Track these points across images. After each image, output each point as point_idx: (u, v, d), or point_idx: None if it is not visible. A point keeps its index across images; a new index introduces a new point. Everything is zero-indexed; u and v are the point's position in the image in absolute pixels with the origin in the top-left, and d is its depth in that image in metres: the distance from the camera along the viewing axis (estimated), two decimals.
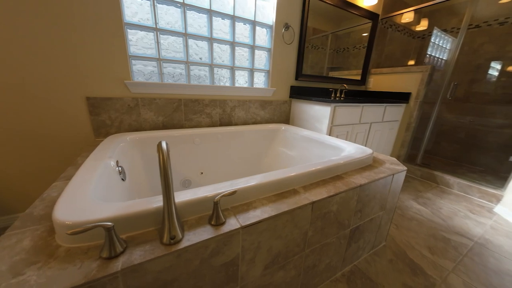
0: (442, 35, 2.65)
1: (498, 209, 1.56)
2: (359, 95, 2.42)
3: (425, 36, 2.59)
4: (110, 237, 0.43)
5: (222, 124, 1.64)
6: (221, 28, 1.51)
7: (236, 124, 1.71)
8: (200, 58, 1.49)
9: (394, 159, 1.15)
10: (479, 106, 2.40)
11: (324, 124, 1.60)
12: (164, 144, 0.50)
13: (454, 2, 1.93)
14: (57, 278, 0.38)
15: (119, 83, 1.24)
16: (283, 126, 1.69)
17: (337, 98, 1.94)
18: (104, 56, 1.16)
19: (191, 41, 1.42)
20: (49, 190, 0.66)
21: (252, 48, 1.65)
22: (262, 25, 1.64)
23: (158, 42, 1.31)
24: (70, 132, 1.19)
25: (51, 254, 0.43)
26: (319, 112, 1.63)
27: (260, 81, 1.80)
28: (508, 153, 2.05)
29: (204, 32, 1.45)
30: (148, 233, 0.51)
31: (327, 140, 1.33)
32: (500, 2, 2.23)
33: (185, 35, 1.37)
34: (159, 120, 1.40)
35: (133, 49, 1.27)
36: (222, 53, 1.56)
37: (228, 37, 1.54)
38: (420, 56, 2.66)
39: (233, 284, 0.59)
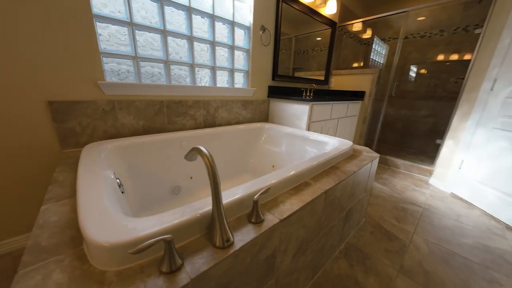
0: (380, 43, 3.19)
1: (432, 181, 2.03)
2: (324, 94, 2.70)
3: (369, 43, 3.07)
4: (170, 250, 0.41)
5: (206, 125, 1.60)
6: (200, 26, 1.47)
7: (220, 125, 1.69)
8: (180, 57, 1.41)
9: (367, 148, 1.37)
10: (410, 101, 3.01)
11: (304, 121, 1.75)
12: (204, 149, 0.50)
13: (390, 17, 2.36)
14: None
15: (91, 84, 1.08)
16: (267, 125, 1.76)
17: (307, 97, 2.13)
18: (70, 53, 0.99)
19: (170, 39, 1.33)
20: (43, 215, 0.56)
21: (232, 48, 1.66)
22: (240, 25, 1.66)
23: (134, 39, 1.19)
24: (28, 144, 0.97)
25: (102, 281, 0.38)
26: (298, 110, 1.77)
27: (239, 81, 1.82)
28: (432, 137, 2.64)
29: (184, 30, 1.38)
30: (195, 241, 0.50)
31: (310, 136, 1.47)
32: (418, 19, 2.83)
33: (164, 32, 1.28)
34: (139, 125, 1.27)
35: (104, 46, 1.12)
36: (202, 52, 1.51)
37: (207, 36, 1.50)
38: (366, 59, 3.14)
39: (271, 275, 0.63)
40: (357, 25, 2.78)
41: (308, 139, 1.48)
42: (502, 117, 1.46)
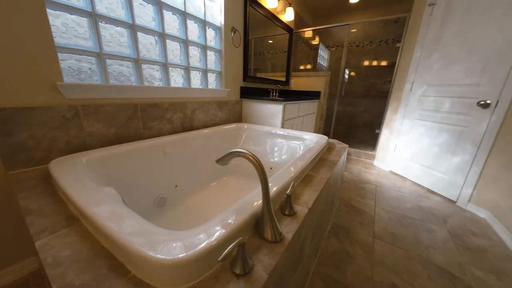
0: (324, 49, 3.68)
1: (376, 163, 2.52)
2: (287, 94, 2.92)
3: (317, 49, 3.49)
4: (243, 253, 0.42)
5: (184, 129, 1.51)
6: (171, 23, 1.37)
7: (197, 128, 1.62)
8: (151, 56, 1.28)
9: (336, 140, 1.60)
10: (352, 100, 3.60)
11: (278, 120, 1.87)
12: (245, 151, 0.52)
13: (333, 28, 2.76)
14: None
15: (46, 86, 0.86)
16: (245, 125, 1.80)
17: (273, 97, 2.28)
18: (16, 46, 0.77)
19: (140, 36, 1.19)
20: (47, 252, 0.45)
21: (204, 48, 1.61)
22: (211, 25, 1.63)
23: (97, 32, 1.01)
24: None
25: None
26: (273, 110, 1.87)
27: (211, 82, 1.78)
28: (370, 128, 3.25)
29: (154, 26, 1.26)
30: (248, 239, 0.51)
31: (289, 133, 1.59)
32: (352, 31, 3.41)
33: (133, 27, 1.14)
34: (110, 132, 1.10)
35: (59, 39, 0.91)
36: (175, 51, 1.41)
37: (179, 34, 1.41)
38: (315, 63, 3.57)
39: (300, 260, 0.70)
40: (308, 33, 3.12)
41: (287, 136, 1.60)
42: (419, 110, 1.97)
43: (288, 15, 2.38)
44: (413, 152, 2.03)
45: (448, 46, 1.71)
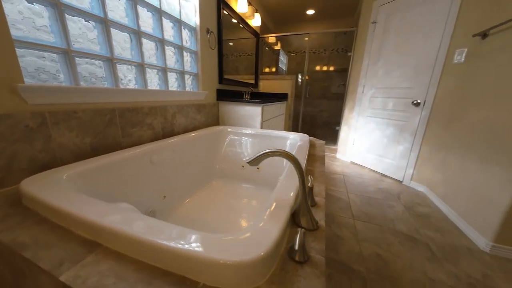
0: (283, 54, 3.96)
1: (338, 156, 2.88)
2: (257, 96, 3.02)
3: (278, 53, 3.73)
4: (304, 242, 0.46)
5: (165, 134, 1.40)
6: (146, 20, 1.26)
7: (178, 132, 1.53)
8: (124, 56, 1.15)
9: (313, 138, 1.77)
10: (312, 100, 3.98)
11: (257, 121, 1.93)
12: (277, 149, 0.57)
13: (291, 36, 3.02)
14: None
15: (2, 89, 0.68)
16: (228, 128, 1.78)
17: (246, 99, 2.35)
18: None
19: (113, 32, 1.06)
20: (91, 282, 0.38)
21: (181, 48, 1.53)
22: (186, 25, 1.56)
23: (63, 25, 0.85)
24: None
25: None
26: (252, 112, 1.92)
27: (188, 84, 1.70)
28: (328, 126, 3.67)
29: (128, 22, 1.13)
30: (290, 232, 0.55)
31: (272, 133, 1.68)
32: (305, 39, 3.79)
33: (106, 21, 1.01)
34: (85, 143, 0.94)
35: (15, 31, 0.74)
36: (150, 51, 1.30)
37: (154, 32, 1.31)
38: (277, 66, 3.81)
39: None
40: (271, 38, 3.30)
41: (270, 136, 1.68)
42: (370, 109, 2.36)
43: (256, 21, 2.47)
44: (368, 144, 2.42)
45: (388, 56, 2.11)
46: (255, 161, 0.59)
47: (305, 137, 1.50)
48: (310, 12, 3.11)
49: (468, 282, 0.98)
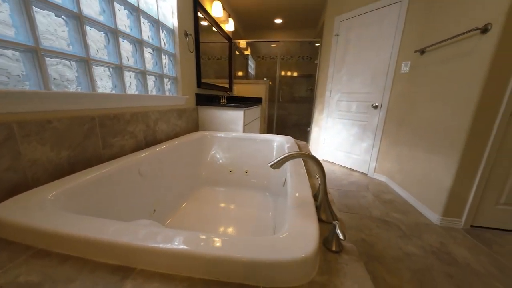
0: (252, 59, 4.09)
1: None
2: (233, 100, 3.02)
3: (248, 58, 3.82)
4: (337, 233, 0.51)
5: (147, 142, 1.29)
6: (122, 18, 1.15)
7: (160, 139, 1.42)
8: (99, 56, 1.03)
9: (295, 139, 1.88)
10: (282, 104, 4.19)
11: (240, 125, 1.95)
12: (306, 152, 0.62)
13: (261, 42, 3.16)
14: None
15: None
16: (213, 133, 1.74)
17: (223, 103, 2.36)
18: None
19: (88, 30, 0.94)
20: None
21: (159, 50, 1.44)
22: (164, 26, 1.48)
23: (29, 17, 0.72)
24: None
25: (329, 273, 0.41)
26: (234, 116, 1.93)
27: (167, 88, 1.61)
28: (298, 128, 3.92)
29: (103, 20, 1.02)
30: None
31: (258, 137, 1.72)
32: (272, 46, 4.01)
33: (80, 17, 0.89)
34: (62, 157, 0.80)
35: None
36: (127, 52, 1.19)
37: (132, 33, 1.21)
38: (246, 71, 3.90)
39: None
40: (242, 44, 3.36)
41: (256, 139, 1.71)
42: (337, 111, 2.64)
43: (229, 26, 2.49)
44: (337, 143, 2.69)
45: (350, 64, 2.41)
46: (278, 164, 0.62)
47: (290, 139, 1.59)
48: (278, 21, 3.30)
49: (431, 251, 1.20)
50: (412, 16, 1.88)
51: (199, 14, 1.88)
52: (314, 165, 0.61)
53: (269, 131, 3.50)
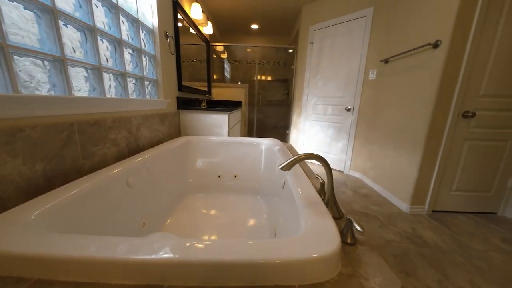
0: (227, 63, 4.10)
1: None
2: (213, 103, 2.96)
3: (224, 62, 3.82)
4: (352, 227, 0.55)
5: (130, 150, 1.19)
6: (99, 15, 1.05)
7: (143, 146, 1.32)
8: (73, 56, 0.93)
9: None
10: (260, 107, 4.26)
11: (225, 129, 1.93)
12: (315, 153, 0.65)
13: (238, 46, 3.20)
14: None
15: None
16: (196, 138, 1.68)
17: (203, 106, 2.32)
18: None
19: (62, 27, 0.84)
20: None
21: (140, 51, 1.35)
22: (144, 26, 1.40)
23: None
24: None
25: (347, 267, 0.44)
26: (218, 120, 1.90)
27: (147, 92, 1.51)
28: (276, 130, 4.04)
29: (79, 16, 0.92)
30: None
31: (244, 140, 1.72)
32: (247, 50, 4.08)
33: (54, 11, 0.79)
34: (36, 171, 0.69)
35: None
36: (106, 52, 1.09)
37: (110, 31, 1.11)
38: (223, 75, 3.89)
39: None
40: (219, 47, 3.34)
41: (242, 143, 1.71)
42: (314, 114, 2.81)
43: (208, 29, 2.46)
44: (316, 144, 2.85)
45: (325, 70, 2.60)
46: (288, 166, 0.64)
47: (278, 142, 1.64)
48: (255, 26, 3.37)
49: (406, 236, 1.36)
50: (376, 30, 2.12)
51: (179, 15, 1.81)
52: (322, 165, 0.64)
53: (250, 134, 3.53)
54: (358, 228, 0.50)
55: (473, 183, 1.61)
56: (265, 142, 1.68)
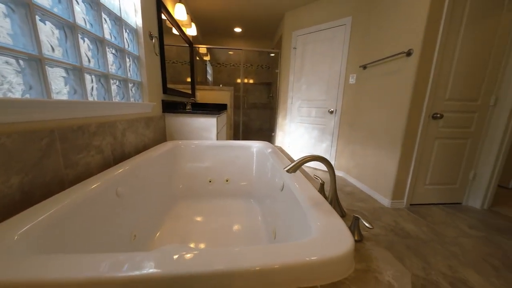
0: (209, 65, 4.06)
1: None
2: (199, 106, 2.88)
3: (206, 64, 3.77)
4: (359, 225, 0.58)
5: (115, 157, 1.10)
6: (79, 11, 0.97)
7: (129, 154, 1.24)
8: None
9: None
10: (247, 110, 4.27)
11: (213, 133, 1.89)
12: (320, 155, 0.68)
13: (221, 49, 3.19)
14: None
15: None
16: (182, 143, 1.61)
17: (187, 109, 2.26)
18: None
19: (39, 24, 0.75)
20: None
21: (123, 52, 1.27)
22: (127, 25, 1.32)
23: None
24: None
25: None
26: (207, 123, 1.86)
27: (131, 94, 1.42)
28: (261, 132, 4.08)
29: (58, 12, 0.84)
30: None
31: (234, 143, 1.70)
32: (229, 53, 4.09)
33: (30, 6, 0.71)
34: (11, 185, 0.61)
35: None
36: (87, 52, 1.01)
37: (91, 28, 1.03)
38: (205, 77, 3.83)
39: None
40: (202, 49, 3.29)
41: (232, 146, 1.69)
42: (299, 117, 2.89)
43: (192, 30, 2.40)
44: (301, 145, 2.94)
45: (308, 75, 2.70)
46: (294, 169, 0.65)
47: (269, 144, 1.65)
48: (238, 30, 3.38)
49: (390, 229, 1.46)
50: (354, 38, 2.27)
51: (162, 15, 1.75)
52: (325, 166, 0.67)
53: (236, 137, 3.50)
54: (367, 224, 0.52)
55: (442, 177, 1.79)
56: (256, 145, 1.68)
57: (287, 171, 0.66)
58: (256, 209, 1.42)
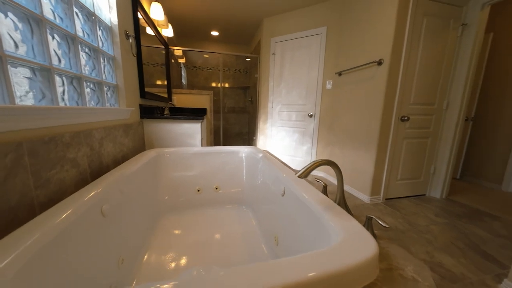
0: (184, 68, 3.92)
1: None
2: (177, 111, 2.72)
3: (181, 67, 3.64)
4: (371, 225, 0.60)
5: (93, 171, 0.97)
6: (46, 2, 0.83)
7: (108, 166, 1.10)
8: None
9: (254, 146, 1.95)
10: (225, 114, 4.19)
11: (197, 139, 1.80)
12: (328, 159, 0.69)
13: (197, 52, 3.11)
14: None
15: None
16: (166, 152, 1.50)
17: (165, 114, 2.14)
18: None
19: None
20: None
21: (97, 51, 1.13)
22: (101, 23, 1.18)
23: None
24: None
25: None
26: (190, 129, 1.76)
27: (107, 98, 1.27)
28: (241, 136, 4.05)
29: (22, 1, 0.71)
30: None
31: (222, 149, 1.65)
32: (205, 56, 4.01)
33: None
34: None
35: None
36: (57, 51, 0.87)
37: (60, 23, 0.89)
38: (180, 80, 3.68)
39: None
40: (178, 51, 3.15)
41: (220, 152, 1.64)
42: (280, 121, 2.96)
43: (168, 31, 2.28)
44: (282, 148, 3.00)
45: (287, 79, 2.79)
46: (305, 174, 0.66)
47: (257, 148, 1.64)
48: (215, 33, 3.33)
49: (373, 223, 1.58)
50: (330, 46, 2.44)
51: (138, 13, 1.62)
52: (334, 169, 0.69)
53: (216, 142, 3.41)
54: (383, 224, 0.55)
55: (410, 172, 2.02)
56: (244, 150, 1.65)
57: (299, 176, 0.66)
58: (249, 215, 1.39)
